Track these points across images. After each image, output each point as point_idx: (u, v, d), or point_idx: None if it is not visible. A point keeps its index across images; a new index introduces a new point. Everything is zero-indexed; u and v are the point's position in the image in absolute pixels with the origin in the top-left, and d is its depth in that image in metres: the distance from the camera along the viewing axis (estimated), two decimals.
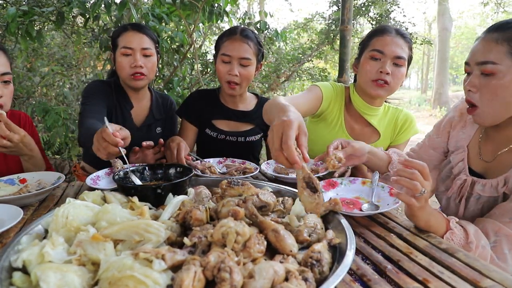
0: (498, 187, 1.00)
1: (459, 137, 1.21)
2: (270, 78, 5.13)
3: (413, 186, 0.82)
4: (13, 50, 3.42)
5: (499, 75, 0.93)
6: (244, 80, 1.56)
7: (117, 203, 0.87)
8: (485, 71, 0.95)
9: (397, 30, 1.43)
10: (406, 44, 1.41)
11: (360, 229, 0.88)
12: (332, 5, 7.65)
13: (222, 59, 1.55)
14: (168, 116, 1.79)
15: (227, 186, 0.91)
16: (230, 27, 1.63)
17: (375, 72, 1.40)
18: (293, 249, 0.66)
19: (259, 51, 1.60)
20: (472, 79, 0.99)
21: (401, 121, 1.58)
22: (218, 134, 1.70)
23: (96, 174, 1.28)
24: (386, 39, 1.40)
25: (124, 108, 1.61)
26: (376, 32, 1.45)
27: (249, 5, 15.54)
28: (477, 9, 23.21)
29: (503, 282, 0.63)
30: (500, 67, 0.93)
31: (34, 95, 4.22)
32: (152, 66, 1.56)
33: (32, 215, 1.01)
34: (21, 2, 2.86)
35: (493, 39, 0.95)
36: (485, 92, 0.97)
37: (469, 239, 0.88)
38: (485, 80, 0.96)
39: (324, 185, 1.15)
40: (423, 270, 0.68)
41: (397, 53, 1.38)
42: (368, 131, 1.58)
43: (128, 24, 1.57)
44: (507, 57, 0.92)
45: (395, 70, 1.39)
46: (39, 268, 0.56)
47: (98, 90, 1.56)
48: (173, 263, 0.58)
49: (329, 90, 1.53)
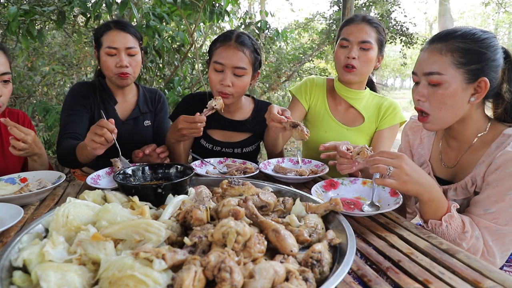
0: (468, 187, 1.05)
1: (419, 153, 1.28)
2: (270, 78, 5.14)
3: (377, 169, 0.90)
4: (14, 49, 3.43)
5: (445, 85, 0.99)
6: (237, 90, 1.45)
7: (118, 202, 0.87)
8: (431, 81, 1.01)
9: (363, 17, 1.53)
10: (372, 29, 1.51)
11: (360, 230, 0.88)
12: (333, 5, 7.65)
13: (214, 67, 1.43)
14: (157, 109, 1.79)
15: (227, 185, 0.91)
16: (225, 32, 1.50)
17: (344, 58, 1.52)
18: (294, 249, 0.66)
19: (256, 59, 1.48)
20: (420, 89, 1.04)
21: (384, 107, 1.64)
22: (213, 146, 1.65)
23: (96, 174, 1.27)
24: (352, 27, 1.51)
25: (107, 104, 1.64)
26: (344, 22, 1.58)
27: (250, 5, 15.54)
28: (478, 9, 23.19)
29: (504, 283, 0.63)
30: (445, 77, 0.98)
31: (35, 94, 4.22)
32: (137, 64, 1.58)
33: (32, 214, 1.01)
34: (22, 1, 2.87)
35: (438, 49, 1.00)
36: (433, 101, 1.02)
37: (465, 228, 0.92)
38: (433, 89, 1.01)
39: (324, 185, 1.15)
40: (423, 270, 0.68)
41: (362, 38, 1.49)
42: (352, 113, 1.68)
43: (111, 22, 1.57)
44: (451, 68, 0.98)
45: (362, 54, 1.50)
46: (39, 267, 0.57)
47: (79, 96, 1.60)
48: (174, 262, 0.58)
49: (301, 89, 1.73)
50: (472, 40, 0.98)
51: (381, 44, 1.55)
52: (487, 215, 0.95)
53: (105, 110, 1.62)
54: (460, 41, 0.98)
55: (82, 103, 1.59)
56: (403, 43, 7.02)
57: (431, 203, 0.92)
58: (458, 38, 0.99)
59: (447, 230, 0.91)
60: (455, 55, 0.97)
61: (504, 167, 0.94)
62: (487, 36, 0.99)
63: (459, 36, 0.99)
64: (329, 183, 1.16)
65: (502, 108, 1.05)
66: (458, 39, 0.98)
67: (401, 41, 7.02)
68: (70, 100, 1.60)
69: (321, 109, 1.69)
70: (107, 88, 1.66)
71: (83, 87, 1.63)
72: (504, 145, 0.98)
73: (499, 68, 1.00)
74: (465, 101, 1.00)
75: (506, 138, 0.99)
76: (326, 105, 1.69)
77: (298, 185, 1.26)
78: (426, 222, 0.96)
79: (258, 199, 0.83)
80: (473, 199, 1.02)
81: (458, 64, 0.97)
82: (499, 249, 0.95)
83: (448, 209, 0.93)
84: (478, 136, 1.07)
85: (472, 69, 0.97)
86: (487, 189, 0.97)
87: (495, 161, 0.96)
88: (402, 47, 7.18)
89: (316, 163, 1.44)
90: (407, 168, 0.88)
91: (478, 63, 0.97)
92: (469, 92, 0.99)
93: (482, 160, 1.02)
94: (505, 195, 0.93)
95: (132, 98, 1.73)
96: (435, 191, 0.92)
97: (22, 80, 4.04)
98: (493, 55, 0.98)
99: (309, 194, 0.97)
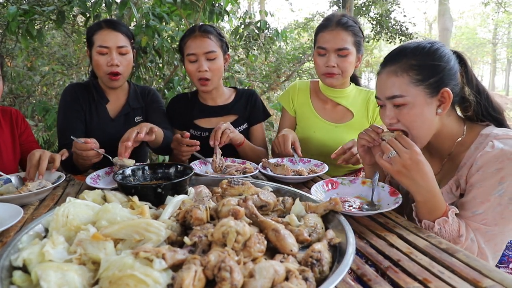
0: (453, 191, 1.05)
1: None
2: (270, 78, 5.14)
3: (384, 146, 0.94)
4: (14, 49, 3.43)
5: (409, 105, 1.00)
6: (214, 74, 1.59)
7: (117, 202, 0.87)
8: (396, 103, 1.02)
9: (338, 21, 1.51)
10: (348, 33, 1.50)
11: (360, 229, 0.88)
12: (333, 5, 7.66)
13: (189, 59, 1.58)
14: (148, 105, 1.78)
15: (227, 185, 0.91)
16: (188, 29, 1.65)
17: (323, 66, 1.54)
18: (294, 248, 0.66)
19: (222, 41, 1.62)
20: (388, 112, 1.05)
21: (372, 101, 1.66)
22: (201, 133, 1.71)
23: (96, 173, 1.28)
24: (328, 35, 1.51)
25: (99, 103, 1.65)
26: (319, 28, 1.57)
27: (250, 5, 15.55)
28: (478, 9, 23.17)
29: (503, 282, 0.63)
30: (407, 98, 0.99)
31: (35, 94, 4.22)
32: (128, 63, 1.59)
33: (32, 214, 1.01)
34: (22, 1, 2.86)
35: (393, 72, 1.01)
36: (404, 121, 1.02)
37: (460, 232, 0.92)
38: (399, 110, 1.02)
39: (324, 184, 1.15)
40: (423, 270, 0.68)
41: (338, 45, 1.49)
42: (340, 111, 1.71)
43: (102, 21, 1.58)
44: (411, 87, 0.98)
45: (341, 61, 1.52)
46: (39, 267, 0.57)
47: (71, 99, 1.62)
48: (174, 262, 0.58)
49: (286, 97, 1.80)
50: (423, 55, 0.99)
51: (359, 44, 1.55)
52: (475, 217, 0.96)
53: (96, 110, 1.64)
54: (412, 59, 0.99)
55: (74, 107, 1.61)
56: (402, 43, 7.03)
57: (424, 204, 0.93)
58: (409, 56, 1.00)
59: (440, 232, 0.92)
60: (410, 74, 0.98)
61: (485, 167, 0.94)
62: (436, 47, 1.00)
63: (409, 54, 1.00)
64: (329, 182, 1.16)
65: (471, 110, 1.06)
66: (410, 57, 1.00)
67: (400, 41, 7.03)
68: (63, 104, 1.63)
69: (306, 110, 1.74)
70: (99, 87, 1.68)
71: (73, 89, 1.65)
72: (482, 146, 0.98)
73: (457, 73, 1.01)
74: (433, 114, 1.01)
75: (484, 138, 1.00)
76: (311, 106, 1.73)
77: (298, 185, 1.26)
78: (420, 221, 0.96)
79: (258, 198, 0.83)
80: (460, 201, 1.01)
81: (417, 82, 0.98)
82: (491, 250, 0.95)
83: (445, 214, 0.93)
84: (458, 140, 1.07)
85: (431, 83, 0.98)
86: (472, 190, 0.98)
87: (476, 162, 0.97)
88: None
89: (316, 162, 1.44)
90: (409, 162, 0.89)
91: (435, 76, 0.98)
92: (435, 105, 1.00)
93: (463, 162, 1.03)
94: (489, 195, 0.94)
95: (123, 95, 1.73)
96: (431, 196, 0.92)
97: (21, 80, 4.04)
98: (447, 64, 0.99)
99: (309, 194, 0.97)
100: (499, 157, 0.92)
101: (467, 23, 26.56)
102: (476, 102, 1.04)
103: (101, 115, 1.65)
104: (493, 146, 0.95)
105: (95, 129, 1.63)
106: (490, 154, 0.94)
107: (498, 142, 0.95)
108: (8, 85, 3.85)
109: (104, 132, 1.62)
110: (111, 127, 1.64)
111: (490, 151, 0.94)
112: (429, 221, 0.93)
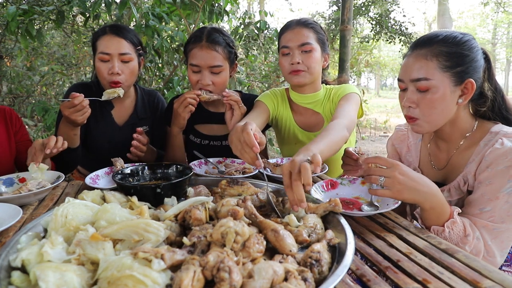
0: (461, 187, 1.06)
1: (408, 161, 1.29)
2: (270, 78, 5.13)
3: (370, 180, 0.90)
4: (13, 49, 3.42)
5: (433, 90, 1.00)
6: (217, 87, 1.48)
7: (117, 202, 0.87)
8: (420, 87, 1.01)
9: (298, 21, 1.51)
10: (309, 30, 1.48)
11: (359, 229, 0.88)
12: (332, 5, 7.65)
13: (191, 69, 1.47)
14: (155, 117, 1.72)
15: (226, 185, 0.91)
16: (195, 32, 1.52)
17: (288, 65, 1.49)
18: (293, 249, 0.66)
19: (230, 53, 1.51)
20: (409, 95, 1.04)
21: (331, 91, 1.58)
22: (201, 140, 1.66)
23: (95, 174, 1.27)
24: (289, 33, 1.48)
25: (104, 108, 1.60)
26: (281, 31, 1.55)
27: (249, 5, 15.56)
28: (477, 9, 23.19)
29: (503, 283, 0.63)
30: (433, 82, 0.99)
31: (34, 94, 4.22)
32: (131, 72, 1.51)
33: (31, 214, 1.01)
34: (21, 1, 2.86)
35: (422, 55, 1.01)
36: (424, 107, 1.02)
37: (466, 231, 0.91)
38: (422, 95, 1.02)
39: (323, 185, 1.15)
40: (422, 270, 0.68)
41: (300, 41, 1.46)
42: (315, 119, 1.62)
43: (107, 26, 1.51)
44: (438, 72, 0.99)
45: (305, 57, 1.47)
46: (38, 267, 0.56)
47: None
48: (172, 262, 0.58)
49: (269, 97, 1.62)
50: (454, 44, 1.00)
51: (323, 42, 1.52)
52: (483, 214, 0.96)
53: (102, 115, 1.60)
54: (443, 45, 1.00)
55: None
56: (402, 43, 7.03)
57: (433, 211, 0.91)
58: (441, 42, 1.01)
59: (449, 235, 0.91)
60: (440, 59, 0.99)
61: (494, 164, 0.95)
62: (468, 39, 1.01)
63: (441, 41, 1.01)
64: (328, 183, 1.16)
65: (486, 106, 1.07)
66: (441, 44, 1.00)
67: (400, 40, 7.02)
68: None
69: (286, 119, 1.64)
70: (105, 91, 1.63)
71: (77, 90, 1.58)
72: (492, 143, 0.99)
73: (481, 68, 1.02)
74: (454, 103, 1.02)
75: (494, 136, 1.01)
76: (291, 117, 1.63)
77: None
78: (429, 228, 0.95)
79: (257, 199, 0.83)
80: (468, 198, 1.02)
81: (444, 68, 0.99)
82: (498, 248, 0.95)
83: (451, 215, 0.92)
84: (466, 136, 1.09)
85: (457, 72, 0.99)
86: (480, 187, 0.98)
87: (485, 159, 0.97)
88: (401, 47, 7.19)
89: None
90: (400, 177, 0.86)
91: (462, 65, 0.99)
92: (457, 94, 1.01)
93: (472, 158, 1.03)
94: (498, 192, 0.94)
95: (130, 102, 1.67)
96: (437, 199, 0.90)
97: (21, 80, 4.04)
98: (475, 56, 1.00)
99: (308, 194, 0.97)
100: (508, 154, 0.93)
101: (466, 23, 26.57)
102: (493, 98, 1.06)
103: (107, 120, 1.60)
104: (502, 144, 0.96)
105: (101, 135, 1.59)
106: (500, 151, 0.95)
107: (508, 140, 0.96)
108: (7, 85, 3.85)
109: (111, 139, 1.59)
110: (119, 135, 1.60)
111: (499, 148, 0.95)
112: (438, 227, 0.92)
